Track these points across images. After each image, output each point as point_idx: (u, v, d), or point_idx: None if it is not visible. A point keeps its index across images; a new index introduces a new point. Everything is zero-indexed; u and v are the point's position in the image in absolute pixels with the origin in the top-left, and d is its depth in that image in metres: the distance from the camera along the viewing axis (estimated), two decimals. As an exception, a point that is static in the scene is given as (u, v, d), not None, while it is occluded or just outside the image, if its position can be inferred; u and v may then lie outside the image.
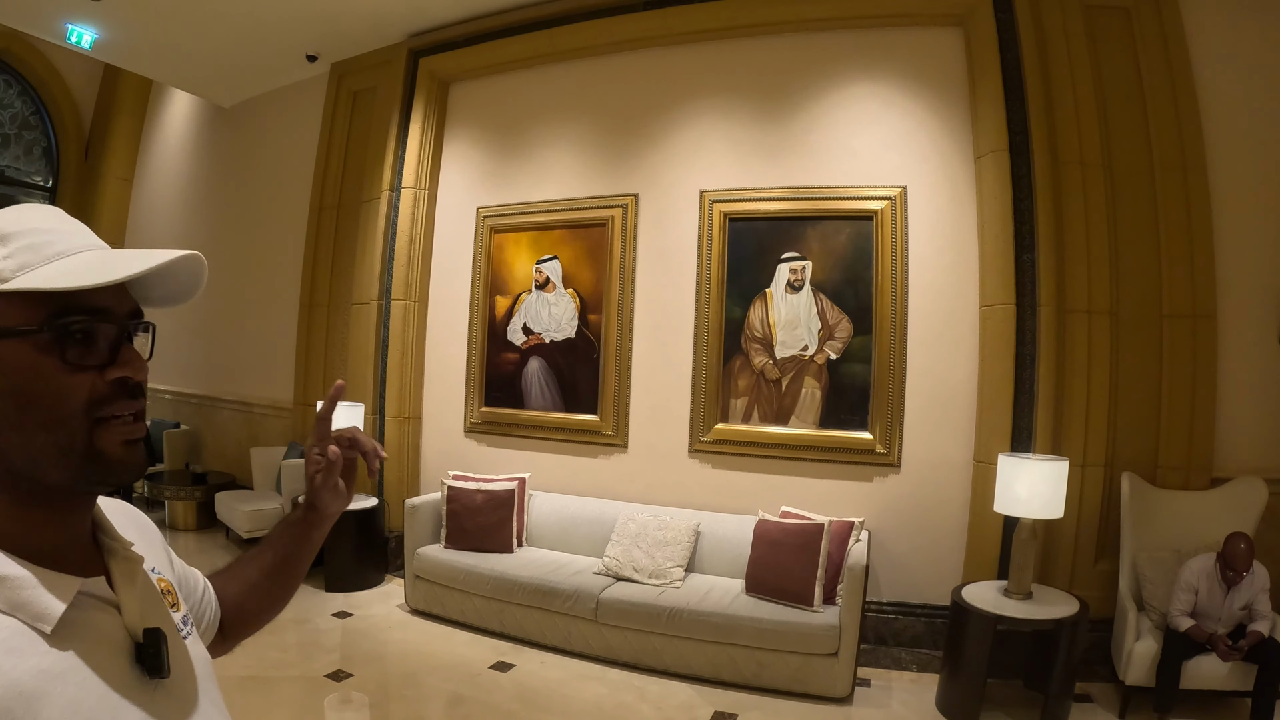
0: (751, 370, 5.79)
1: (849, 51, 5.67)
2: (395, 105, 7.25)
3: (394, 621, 5.82)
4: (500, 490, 6.00)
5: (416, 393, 7.23)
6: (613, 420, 6.25)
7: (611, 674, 4.96)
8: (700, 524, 5.58)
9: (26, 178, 11.44)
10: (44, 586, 0.80)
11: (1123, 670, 4.36)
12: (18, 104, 11.19)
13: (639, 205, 6.24)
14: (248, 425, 8.85)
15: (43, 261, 0.84)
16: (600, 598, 5.09)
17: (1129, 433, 4.99)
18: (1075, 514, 4.86)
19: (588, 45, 6.47)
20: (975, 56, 5.27)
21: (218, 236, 9.46)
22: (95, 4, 7.05)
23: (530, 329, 6.67)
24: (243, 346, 8.98)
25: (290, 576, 1.46)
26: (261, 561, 1.42)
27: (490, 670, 4.99)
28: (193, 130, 10.40)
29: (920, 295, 5.38)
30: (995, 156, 5.11)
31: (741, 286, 5.85)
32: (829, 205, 5.60)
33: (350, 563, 6.46)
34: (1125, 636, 4.39)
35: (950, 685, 4.52)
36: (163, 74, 9.22)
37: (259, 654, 4.98)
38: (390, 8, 6.77)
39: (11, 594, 0.78)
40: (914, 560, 5.30)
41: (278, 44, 7.67)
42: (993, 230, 5.10)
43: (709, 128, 6.06)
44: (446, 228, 7.21)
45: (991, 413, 5.04)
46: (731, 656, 4.74)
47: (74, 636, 0.81)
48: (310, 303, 8.01)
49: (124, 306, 0.90)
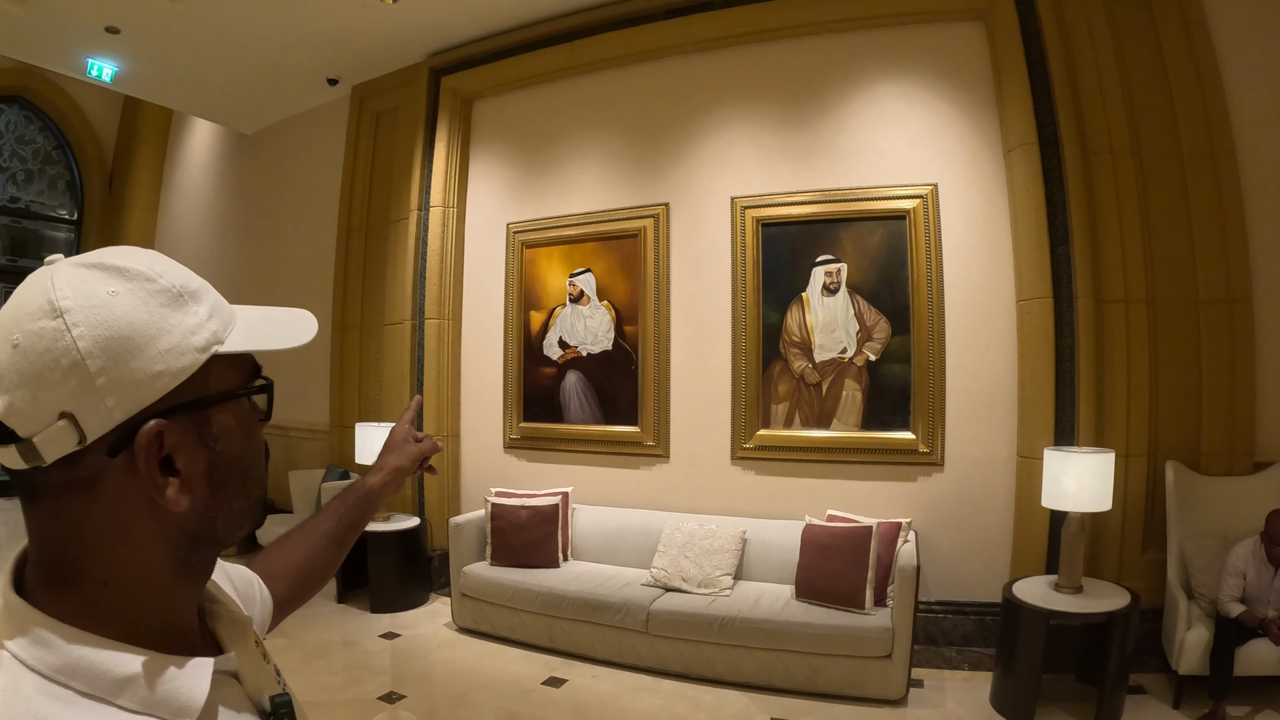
0: (791, 375, 5.97)
1: (872, 51, 5.85)
2: (419, 124, 7.51)
3: (442, 640, 6.01)
4: (544, 505, 6.20)
5: (454, 410, 7.48)
6: (653, 430, 6.45)
7: (665, 685, 5.11)
8: (747, 531, 5.74)
9: (52, 211, 11.93)
10: (180, 675, 0.78)
11: (1175, 660, 4.48)
12: (39, 139, 11.66)
13: (670, 214, 6.45)
14: (285, 449, 9.11)
15: (230, 320, 0.86)
16: (650, 609, 5.26)
17: (1170, 421, 5.11)
18: (1121, 505, 4.96)
19: (610, 57, 6.69)
20: (999, 50, 5.43)
21: (245, 263, 9.83)
22: (114, 37, 7.36)
23: (566, 342, 6.89)
24: (277, 371, 9.01)
25: (344, 546, 1.50)
26: (325, 528, 1.46)
27: (543, 686, 5.16)
28: (215, 158, 10.77)
29: (956, 292, 5.53)
30: (1025, 150, 5.26)
31: (777, 291, 6.02)
32: (860, 206, 5.77)
33: (395, 583, 6.69)
34: (1176, 626, 4.51)
35: (1004, 682, 4.66)
36: (183, 103, 9.60)
37: (310, 678, 5.19)
38: (409, 28, 7.03)
39: (148, 692, 0.75)
40: (961, 558, 5.46)
41: (297, 69, 7.97)
42: (1026, 224, 5.25)
43: (736, 134, 6.24)
44: (477, 244, 7.46)
45: (1033, 407, 5.19)
46: (785, 662, 4.90)
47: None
48: (342, 325, 8.27)
49: None
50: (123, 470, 0.75)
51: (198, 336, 0.79)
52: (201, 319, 0.80)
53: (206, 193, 10.93)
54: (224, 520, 0.83)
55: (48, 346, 0.71)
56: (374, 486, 1.52)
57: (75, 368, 0.72)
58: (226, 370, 0.83)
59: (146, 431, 0.75)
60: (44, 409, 0.72)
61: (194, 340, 0.78)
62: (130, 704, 0.73)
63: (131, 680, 0.73)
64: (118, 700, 0.72)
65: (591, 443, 6.76)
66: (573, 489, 6.59)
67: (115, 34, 7.28)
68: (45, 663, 0.71)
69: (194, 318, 0.79)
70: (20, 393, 0.72)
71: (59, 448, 0.72)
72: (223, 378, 0.82)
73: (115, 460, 0.75)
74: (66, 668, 0.71)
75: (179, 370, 0.77)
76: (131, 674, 0.74)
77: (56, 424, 0.72)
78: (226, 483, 0.82)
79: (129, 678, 0.73)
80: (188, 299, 0.80)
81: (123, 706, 0.72)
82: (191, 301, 0.80)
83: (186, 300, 0.80)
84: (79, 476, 0.75)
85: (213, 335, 0.81)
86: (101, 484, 0.75)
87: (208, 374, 0.80)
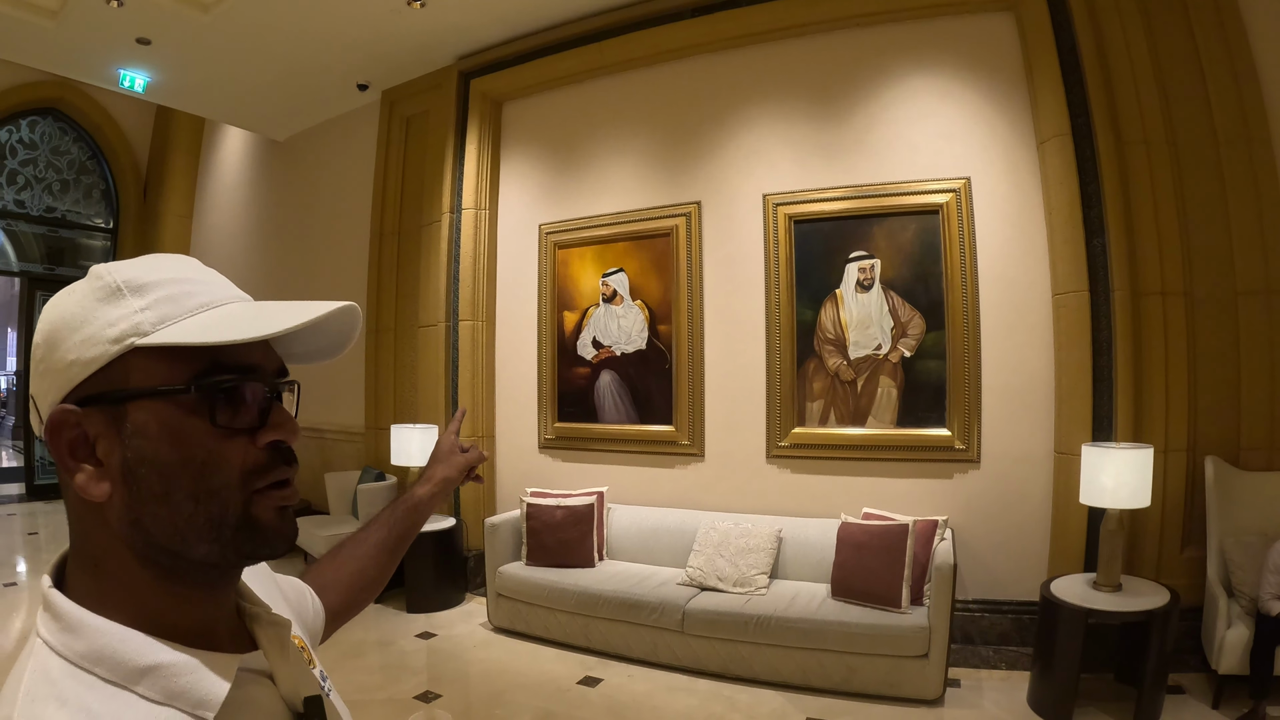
0: (826, 372, 5.99)
1: (900, 45, 5.86)
2: (449, 128, 7.62)
3: (478, 640, 6.11)
4: (579, 505, 6.28)
5: (489, 412, 7.58)
6: (688, 430, 6.50)
7: (700, 684, 5.16)
8: (782, 530, 5.78)
9: (88, 220, 12.19)
10: (201, 669, 0.78)
11: (1215, 659, 4.43)
12: (74, 150, 11.93)
13: (702, 213, 6.49)
14: (321, 452, 9.27)
15: (184, 314, 0.81)
16: (686, 608, 5.32)
17: (1209, 415, 5.07)
18: (1160, 501, 4.93)
19: (638, 56, 6.74)
20: (1029, 41, 5.41)
21: (279, 268, 10.04)
22: (146, 48, 7.53)
23: (600, 342, 6.97)
24: (312, 375, 9.35)
25: (395, 556, 1.52)
26: (378, 539, 1.49)
27: (578, 685, 5.23)
28: (248, 165, 10.98)
29: (991, 287, 5.52)
30: (1058, 141, 5.24)
31: (811, 288, 6.04)
32: (893, 201, 5.78)
33: (431, 583, 6.81)
34: (1216, 624, 4.47)
35: (1042, 682, 4.66)
36: (215, 111, 9.78)
37: (346, 678, 5.31)
38: (437, 32, 7.13)
39: (167, 683, 0.75)
40: (997, 556, 5.46)
41: (327, 75, 8.11)
42: (1061, 216, 5.23)
43: (767, 130, 6.28)
44: (510, 246, 7.55)
45: (1070, 402, 5.18)
46: (821, 662, 4.93)
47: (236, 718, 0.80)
48: (377, 328, 8.41)
49: (272, 364, 0.90)
50: None
51: (114, 328, 0.78)
52: (128, 311, 0.79)
53: (240, 199, 11.16)
54: (157, 526, 0.78)
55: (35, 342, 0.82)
56: (423, 497, 1.58)
57: (36, 358, 0.81)
58: (157, 366, 0.79)
59: (51, 415, 0.78)
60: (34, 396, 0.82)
61: (108, 332, 0.78)
62: (150, 693, 0.74)
63: (152, 670, 0.75)
64: (137, 688, 0.74)
65: (626, 442, 6.83)
66: (608, 489, 6.67)
67: (146, 45, 7.45)
68: (72, 649, 0.74)
69: (120, 310, 0.79)
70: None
71: (37, 429, 0.81)
72: (149, 373, 0.78)
73: None
74: (91, 654, 0.74)
75: (88, 360, 0.77)
76: (151, 664, 0.75)
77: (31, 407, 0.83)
78: (141, 484, 0.78)
79: (150, 667, 0.75)
80: (127, 293, 0.79)
81: (143, 695, 0.74)
82: (131, 295, 0.79)
83: (124, 294, 0.79)
84: None
85: (132, 327, 0.78)
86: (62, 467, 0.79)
87: (126, 367, 0.78)
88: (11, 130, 11.30)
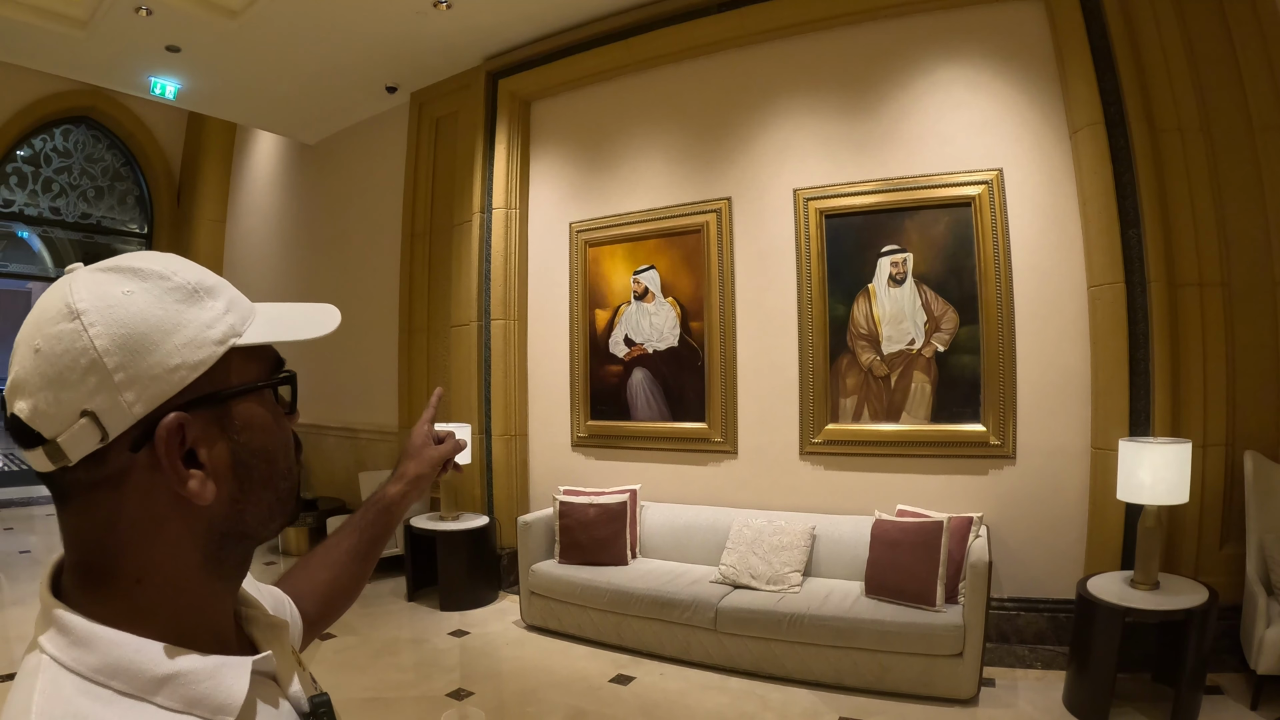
0: (859, 368, 6.00)
1: (930, 35, 5.85)
2: (479, 128, 7.71)
3: (511, 638, 6.20)
4: (612, 503, 6.35)
5: (521, 410, 7.67)
6: (721, 427, 6.54)
7: (732, 683, 5.19)
8: (815, 527, 5.80)
9: (122, 226, 12.50)
10: (218, 673, 0.80)
11: (1254, 659, 4.34)
12: (108, 157, 12.24)
13: (733, 209, 6.52)
14: (354, 451, 9.42)
15: (249, 314, 0.88)
16: (719, 606, 5.35)
17: (1249, 408, 5.00)
18: (1198, 497, 4.87)
19: (666, 52, 6.78)
20: (1060, 29, 5.37)
21: (312, 270, 10.22)
22: (176, 55, 7.69)
23: (632, 340, 7.02)
24: (345, 375, 9.54)
25: (368, 560, 1.48)
26: (349, 544, 1.45)
27: (610, 683, 5.28)
28: (280, 169, 11.18)
29: (1025, 280, 5.50)
30: (1091, 130, 5.19)
31: (843, 283, 6.05)
32: (925, 194, 5.77)
33: (464, 581, 6.90)
34: (1255, 623, 4.40)
35: (1078, 682, 4.64)
36: (246, 116, 10.00)
37: (379, 675, 5.42)
38: (464, 33, 7.21)
39: (186, 690, 0.77)
40: (1033, 554, 5.43)
41: (356, 78, 8.23)
42: (1095, 207, 5.19)
43: (797, 125, 6.29)
44: (540, 245, 7.64)
45: (1107, 396, 5.14)
46: (854, 660, 4.94)
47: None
48: (409, 328, 8.54)
49: None
50: (147, 466, 0.78)
51: (214, 330, 0.82)
52: (218, 313, 0.83)
53: (272, 203, 11.35)
54: (253, 513, 0.85)
55: (66, 348, 0.75)
56: (394, 497, 1.49)
57: (93, 366, 0.75)
58: (247, 363, 0.85)
59: (166, 424, 0.77)
60: (66, 409, 0.75)
61: (210, 333, 0.81)
62: (169, 702, 0.76)
63: (170, 679, 0.76)
64: (156, 699, 0.75)
65: (659, 440, 6.88)
66: (640, 486, 6.73)
67: (176, 52, 7.61)
68: (84, 663, 0.74)
69: (210, 312, 0.82)
70: (43, 395, 0.75)
71: (82, 446, 0.76)
72: (243, 370, 0.85)
73: (139, 456, 0.78)
74: (105, 668, 0.74)
75: (196, 363, 0.80)
76: (170, 673, 0.76)
77: (79, 423, 0.75)
78: (252, 475, 0.84)
79: (167, 676, 0.76)
80: (203, 294, 0.83)
81: (162, 705, 0.75)
82: (207, 296, 0.83)
83: (202, 295, 0.82)
84: (105, 474, 0.78)
85: (230, 328, 0.83)
86: (127, 480, 0.78)
87: (227, 367, 0.83)
88: (46, 139, 11.61)
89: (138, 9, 6.66)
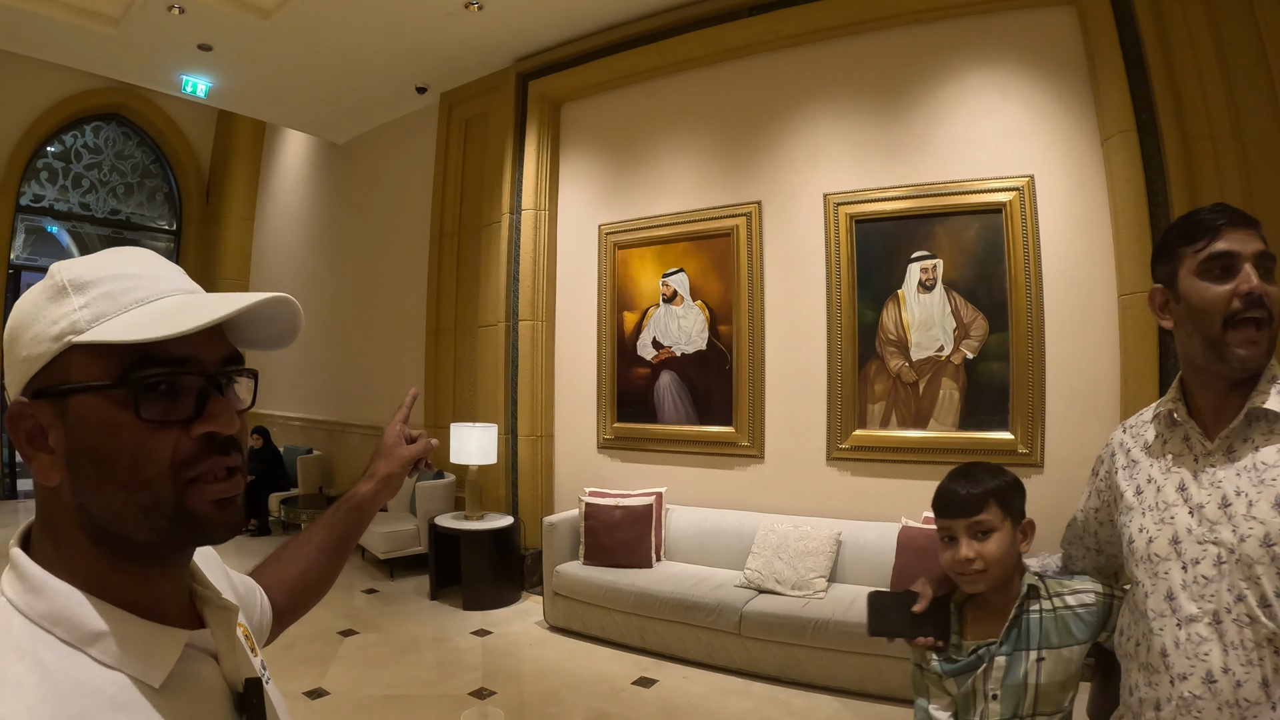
0: (887, 374, 6.07)
1: (961, 41, 5.92)
2: (508, 129, 7.84)
3: (533, 639, 6.30)
4: (637, 505, 6.46)
5: (548, 411, 7.80)
6: (748, 431, 6.62)
7: (755, 688, 5.24)
8: (841, 533, 5.84)
9: (151, 223, 12.78)
10: (150, 639, 0.85)
11: None
12: (138, 154, 12.52)
13: (762, 213, 6.61)
14: (378, 449, 9.52)
15: (119, 310, 0.85)
16: (744, 611, 5.44)
17: (1278, 419, 5.01)
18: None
19: (696, 56, 6.89)
20: (1091, 35, 5.41)
21: (340, 269, 10.39)
22: (207, 54, 7.90)
23: (660, 343, 7.13)
24: (371, 373, 9.70)
25: (338, 557, 1.54)
26: (320, 539, 1.51)
27: (633, 686, 5.35)
28: (309, 168, 11.41)
29: (1055, 287, 5.54)
30: (1123, 137, 5.22)
31: (872, 289, 6.12)
32: (955, 200, 5.83)
33: (488, 581, 7.00)
34: None
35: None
36: (276, 115, 10.24)
37: (401, 673, 5.51)
38: (495, 35, 7.37)
39: (116, 649, 0.82)
40: (1060, 562, 5.43)
41: (386, 78, 8.42)
42: (1126, 214, 5.21)
43: (827, 129, 6.38)
44: (569, 246, 7.77)
45: (1137, 406, 4.97)
46: (878, 668, 4.95)
47: (180, 691, 0.86)
48: (436, 328, 8.71)
49: (215, 354, 0.91)
50: None
51: (55, 327, 0.84)
52: (69, 310, 0.85)
53: (301, 202, 11.58)
54: (98, 510, 0.84)
55: None
56: (365, 495, 1.55)
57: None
58: (93, 361, 0.84)
59: (10, 408, 0.85)
60: None
61: (50, 330, 0.84)
62: (102, 656, 0.81)
63: (105, 635, 0.81)
64: (91, 650, 0.80)
65: (685, 443, 6.96)
66: (666, 489, 6.80)
67: (208, 51, 7.82)
68: (34, 609, 0.81)
69: (63, 309, 0.85)
70: None
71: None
72: (86, 368, 0.84)
73: None
74: (51, 615, 0.81)
75: (36, 357, 0.85)
76: (105, 630, 0.82)
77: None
78: (80, 473, 0.84)
79: (103, 633, 0.81)
80: (71, 291, 0.85)
81: (95, 658, 0.80)
82: (74, 293, 0.85)
83: (68, 293, 0.85)
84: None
85: (70, 326, 0.84)
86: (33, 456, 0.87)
87: (67, 363, 0.84)
88: (76, 135, 11.88)
89: (170, 7, 6.85)
